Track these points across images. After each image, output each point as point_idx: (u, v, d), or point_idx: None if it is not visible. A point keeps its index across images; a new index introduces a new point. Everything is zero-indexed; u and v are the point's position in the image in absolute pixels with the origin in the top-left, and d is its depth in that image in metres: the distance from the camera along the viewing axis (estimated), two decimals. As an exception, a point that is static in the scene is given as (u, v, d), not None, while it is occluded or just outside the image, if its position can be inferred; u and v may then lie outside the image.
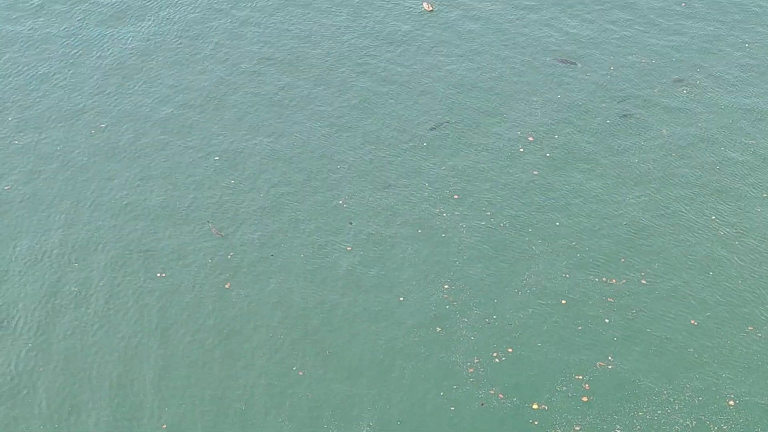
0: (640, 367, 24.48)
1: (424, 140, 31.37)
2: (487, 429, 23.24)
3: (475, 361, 24.58)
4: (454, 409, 23.59)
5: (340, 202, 29.14)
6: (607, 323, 25.54)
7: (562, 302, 26.09)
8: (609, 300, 26.12)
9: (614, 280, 26.67)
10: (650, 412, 23.43)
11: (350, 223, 28.45)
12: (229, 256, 27.42)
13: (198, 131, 31.73)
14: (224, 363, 24.66)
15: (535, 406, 23.61)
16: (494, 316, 25.73)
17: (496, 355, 24.73)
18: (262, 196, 29.38)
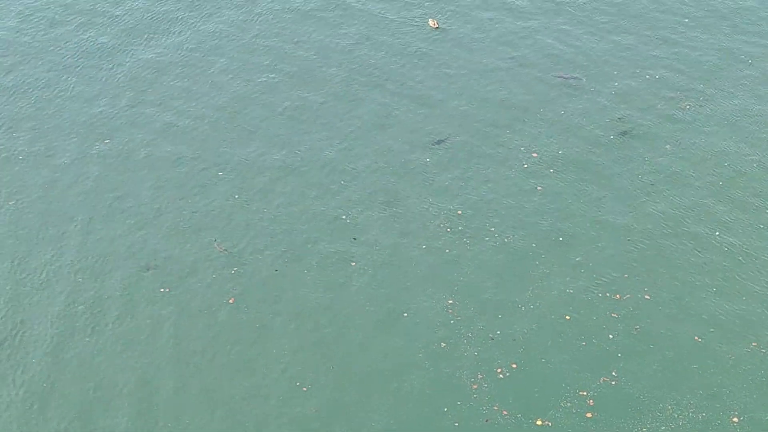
0: (644, 382, 24.46)
1: (429, 155, 31.45)
2: (491, 445, 23.30)
3: (479, 376, 24.59)
4: (458, 425, 23.58)
5: (344, 218, 29.20)
6: (611, 339, 25.54)
7: (566, 318, 26.10)
8: (613, 315, 26.13)
9: (618, 296, 26.69)
10: (654, 429, 23.41)
11: (354, 238, 28.51)
12: (233, 271, 27.47)
13: (210, 144, 31.99)
14: (229, 378, 24.68)
15: (539, 422, 23.61)
16: (498, 331, 25.75)
17: (500, 371, 24.73)
18: (265, 210, 29.45)
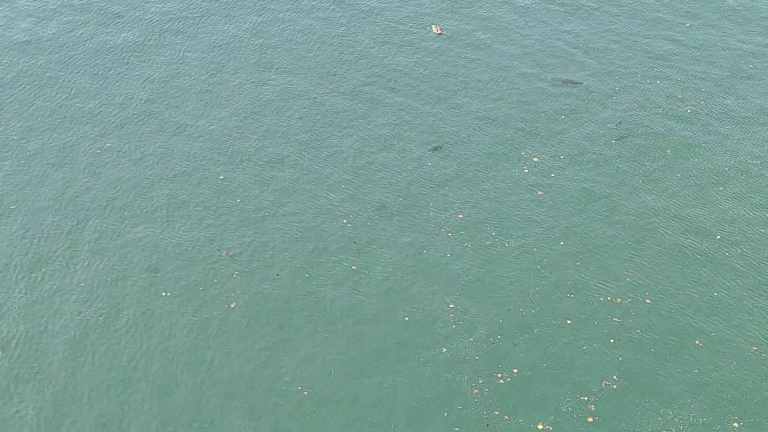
0: (645, 387, 24.47)
1: (429, 159, 31.47)
2: (492, 450, 23.31)
3: (480, 381, 24.60)
4: (458, 429, 23.60)
5: (344, 222, 29.21)
6: (612, 343, 25.56)
7: (568, 322, 26.11)
8: (614, 320, 26.15)
9: (619, 300, 26.71)
10: (655, 433, 23.49)
11: (354, 242, 28.53)
12: (234, 276, 27.48)
13: (217, 145, 32.05)
14: (229, 384, 24.69)
15: (540, 427, 23.62)
16: (499, 336, 25.77)
17: (500, 376, 24.75)
18: (263, 215, 29.47)
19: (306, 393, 24.40)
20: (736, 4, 39.11)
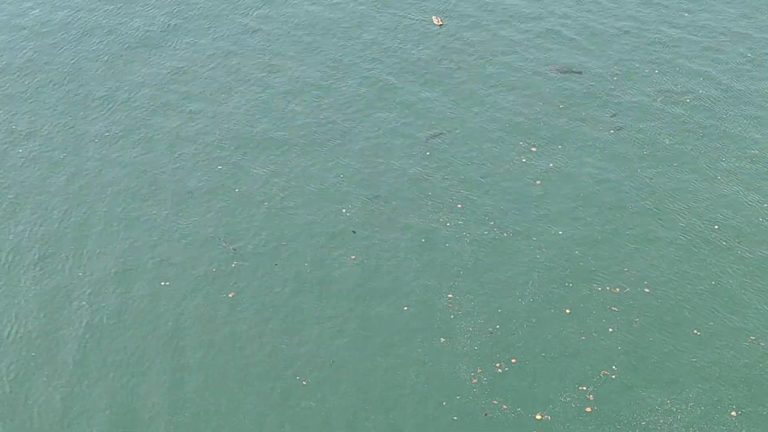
0: (643, 376, 24.52)
1: (428, 149, 31.48)
2: (490, 439, 23.38)
3: (479, 371, 24.65)
4: (457, 419, 23.65)
5: (344, 211, 29.24)
6: (611, 332, 25.59)
7: (566, 311, 26.14)
8: (613, 309, 26.18)
9: (618, 289, 26.73)
10: (653, 422, 23.48)
11: (353, 231, 28.55)
12: (233, 266, 27.53)
13: (204, 140, 32.06)
14: (229, 373, 24.76)
15: (539, 417, 23.67)
16: (497, 325, 25.80)
17: (499, 366, 24.79)
18: (266, 205, 29.50)
19: (305, 383, 24.48)
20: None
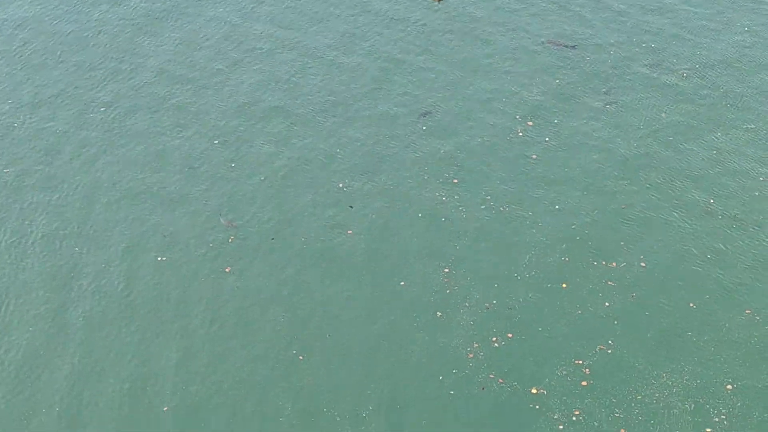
0: (639, 350, 24.56)
1: (423, 124, 31.44)
2: (486, 413, 23.36)
3: (475, 345, 24.69)
4: (453, 393, 23.73)
5: (341, 186, 29.22)
6: (607, 307, 25.63)
7: (563, 286, 26.17)
8: (609, 284, 26.21)
9: (614, 264, 26.75)
10: (648, 396, 23.55)
11: (350, 206, 28.54)
12: (230, 240, 27.53)
13: (206, 114, 32.06)
14: (223, 348, 24.81)
15: (535, 391, 23.74)
16: (494, 300, 25.83)
17: (495, 340, 24.84)
18: (262, 179, 29.48)
19: (301, 357, 24.53)
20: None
